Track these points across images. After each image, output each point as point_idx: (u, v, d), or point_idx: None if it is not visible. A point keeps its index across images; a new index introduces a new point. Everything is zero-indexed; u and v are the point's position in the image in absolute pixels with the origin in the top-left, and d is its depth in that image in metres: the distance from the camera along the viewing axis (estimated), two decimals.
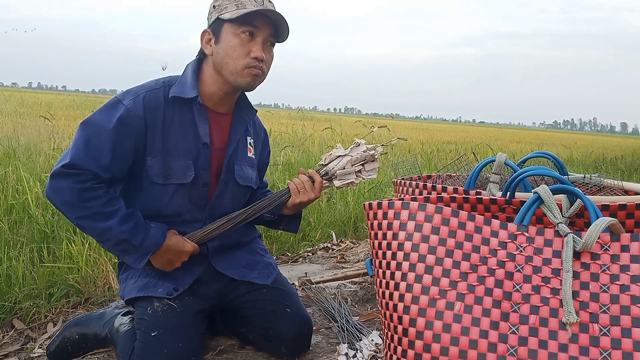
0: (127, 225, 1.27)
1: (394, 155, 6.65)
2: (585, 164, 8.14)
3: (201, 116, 1.38)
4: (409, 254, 0.99)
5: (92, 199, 1.24)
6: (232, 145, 1.44)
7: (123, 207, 1.29)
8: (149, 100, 1.32)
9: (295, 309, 1.46)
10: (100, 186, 1.27)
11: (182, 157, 1.36)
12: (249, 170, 1.49)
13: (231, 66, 1.33)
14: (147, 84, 1.37)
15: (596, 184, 1.51)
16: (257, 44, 1.33)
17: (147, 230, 1.30)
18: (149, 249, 1.30)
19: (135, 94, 1.32)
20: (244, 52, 1.32)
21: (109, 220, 1.25)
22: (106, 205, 1.26)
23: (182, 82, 1.38)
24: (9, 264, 1.92)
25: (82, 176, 1.24)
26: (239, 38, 1.31)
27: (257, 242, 1.63)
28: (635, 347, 0.84)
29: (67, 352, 1.44)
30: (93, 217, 1.24)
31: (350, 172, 1.45)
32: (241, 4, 1.31)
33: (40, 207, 2.54)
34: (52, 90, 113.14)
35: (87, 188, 1.24)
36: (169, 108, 1.35)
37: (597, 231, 0.91)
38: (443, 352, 0.92)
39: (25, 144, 4.35)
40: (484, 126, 68.26)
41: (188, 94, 1.35)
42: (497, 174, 1.45)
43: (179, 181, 1.36)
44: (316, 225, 3.10)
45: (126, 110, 1.29)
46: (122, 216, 1.27)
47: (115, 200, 1.29)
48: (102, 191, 1.26)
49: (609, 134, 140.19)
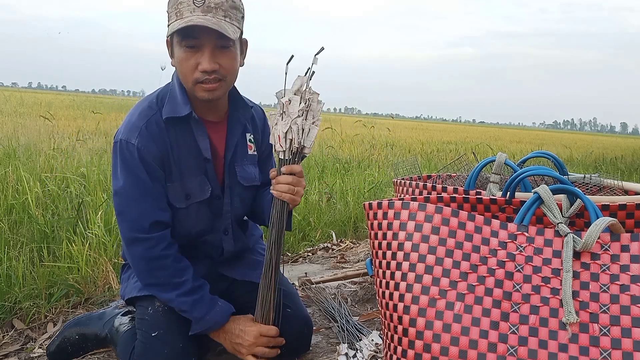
0: (190, 297, 1.29)
1: (394, 155, 6.65)
2: (585, 164, 8.14)
3: (199, 130, 1.34)
4: (409, 254, 0.99)
5: (160, 268, 1.28)
6: (230, 150, 1.41)
7: (190, 279, 1.30)
8: (152, 130, 1.28)
9: (295, 309, 1.46)
10: (168, 251, 1.28)
11: (195, 175, 1.34)
12: (251, 169, 1.47)
13: (184, 81, 1.28)
14: (142, 110, 1.31)
15: (596, 184, 1.51)
16: (204, 54, 1.23)
17: (211, 307, 1.32)
18: (208, 325, 1.32)
19: (137, 129, 1.27)
20: (192, 66, 1.24)
21: (174, 292, 1.28)
22: (174, 275, 1.29)
23: (172, 98, 1.32)
24: (9, 264, 1.92)
25: (149, 242, 1.26)
26: (184, 52, 1.24)
27: (258, 242, 1.63)
28: (635, 347, 0.84)
29: (67, 352, 1.45)
30: (161, 286, 1.29)
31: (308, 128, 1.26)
32: (179, 12, 1.21)
33: (40, 207, 2.54)
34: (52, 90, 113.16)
35: (156, 256, 1.27)
36: (170, 130, 1.31)
37: (597, 231, 0.91)
38: (443, 352, 0.92)
39: (25, 144, 4.35)
40: (484, 126, 68.26)
41: (181, 112, 1.30)
42: (497, 174, 1.45)
43: (198, 199, 1.35)
44: (316, 225, 3.10)
45: (139, 150, 1.26)
46: (186, 289, 1.29)
47: (184, 271, 1.30)
48: (170, 260, 1.28)
49: (609, 134, 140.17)
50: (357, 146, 7.07)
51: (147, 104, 1.33)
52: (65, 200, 2.67)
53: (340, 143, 7.33)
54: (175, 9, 1.22)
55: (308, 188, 3.72)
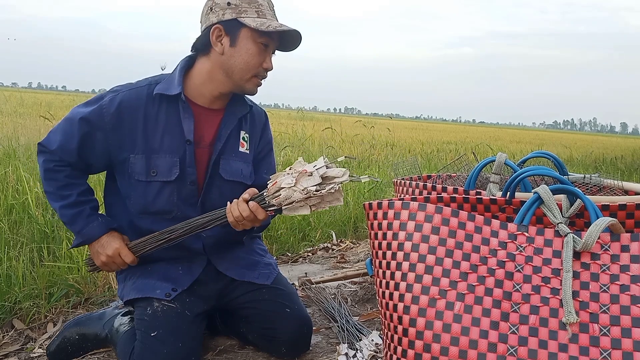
0: (70, 211, 1.37)
1: (394, 156, 6.65)
2: (585, 164, 8.14)
3: (186, 113, 1.38)
4: (409, 254, 0.99)
5: (52, 179, 1.38)
6: (221, 140, 1.42)
7: (75, 194, 1.38)
8: (129, 98, 1.36)
9: (295, 309, 1.46)
10: (63, 169, 1.37)
11: (168, 154, 1.37)
12: (238, 165, 1.46)
13: (245, 72, 1.36)
14: (135, 83, 1.41)
15: (596, 184, 1.51)
16: (269, 54, 1.39)
17: (88, 222, 1.38)
18: (84, 238, 1.39)
19: (116, 92, 1.37)
20: (259, 62, 1.36)
21: (58, 202, 1.37)
22: (62, 188, 1.38)
23: (169, 79, 1.39)
24: (9, 264, 1.92)
25: (48, 155, 1.37)
26: (257, 47, 1.35)
27: (257, 242, 1.62)
28: (635, 347, 0.84)
29: (67, 352, 1.44)
30: (51, 195, 1.39)
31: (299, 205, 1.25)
32: (261, 12, 1.34)
33: (40, 207, 2.54)
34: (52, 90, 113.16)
35: (50, 168, 1.37)
36: (153, 105, 1.37)
37: (597, 231, 0.91)
38: (443, 352, 0.92)
39: (25, 144, 4.35)
40: (484, 126, 68.25)
41: (172, 91, 1.36)
42: (497, 174, 1.45)
43: (163, 178, 1.37)
44: (316, 225, 3.10)
45: (100, 106, 1.35)
46: (69, 202, 1.37)
47: (73, 186, 1.38)
48: (63, 174, 1.37)
49: (609, 134, 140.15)
50: (357, 146, 7.07)
51: (143, 80, 1.43)
52: None
53: (340, 143, 7.33)
54: (254, 6, 1.34)
55: None
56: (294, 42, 1.42)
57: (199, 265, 1.44)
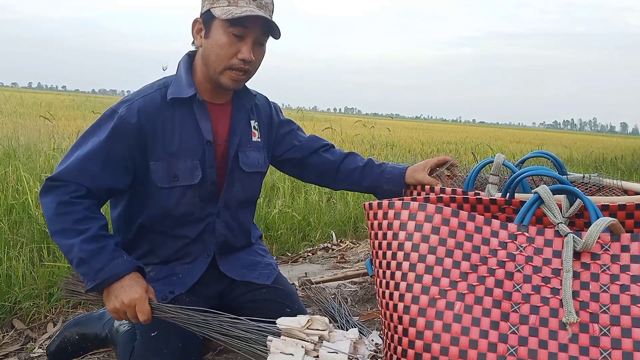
0: (91, 245, 1.18)
1: (394, 156, 6.65)
2: (585, 164, 8.14)
3: (202, 113, 1.36)
4: (409, 254, 0.99)
5: (67, 213, 1.19)
6: (237, 135, 1.42)
7: (96, 227, 1.20)
8: (144, 105, 1.31)
9: (295, 309, 1.46)
10: (81, 202, 1.22)
11: (188, 157, 1.34)
12: (254, 155, 1.47)
13: (216, 64, 1.31)
14: (143, 89, 1.36)
15: (595, 184, 1.51)
16: (246, 44, 1.29)
17: (113, 257, 1.19)
18: (107, 275, 1.17)
19: (130, 101, 1.31)
20: (231, 53, 1.29)
21: (76, 238, 1.18)
22: (79, 222, 1.19)
23: (177, 81, 1.36)
24: (9, 264, 1.92)
25: (63, 188, 1.22)
26: (228, 37, 1.28)
27: (257, 242, 1.63)
28: (635, 347, 0.84)
29: (67, 352, 1.44)
30: (65, 232, 1.19)
31: None
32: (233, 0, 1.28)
33: (40, 207, 2.54)
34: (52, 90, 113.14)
35: (65, 202, 1.20)
36: (167, 110, 1.33)
37: (597, 231, 0.91)
38: (443, 352, 0.92)
39: (25, 144, 4.35)
40: (484, 126, 68.25)
41: (186, 93, 1.33)
42: (496, 175, 1.45)
43: (186, 183, 1.35)
44: (316, 225, 3.10)
45: (119, 118, 1.28)
46: (89, 236, 1.19)
47: (92, 220, 1.21)
48: (81, 207, 1.21)
49: (609, 134, 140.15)
50: (357, 146, 7.07)
51: (150, 86, 1.37)
52: None
53: (340, 143, 7.33)
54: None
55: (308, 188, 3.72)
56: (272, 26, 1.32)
57: (199, 269, 1.44)
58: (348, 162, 1.58)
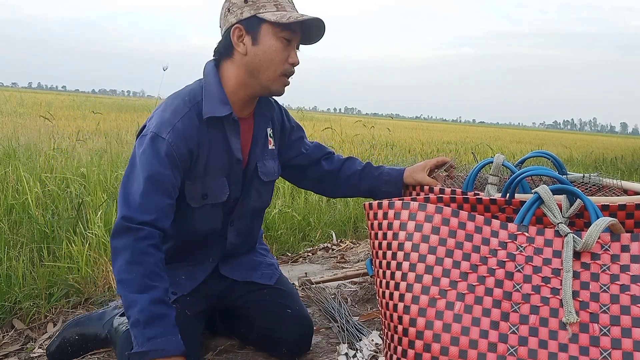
0: (155, 308, 1.13)
1: (394, 156, 6.65)
2: (585, 164, 8.14)
3: (233, 130, 1.33)
4: (409, 254, 0.99)
5: (140, 263, 1.14)
6: (258, 147, 1.41)
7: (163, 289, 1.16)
8: (186, 128, 1.25)
9: (296, 310, 1.46)
10: (155, 252, 1.17)
11: (217, 175, 1.32)
12: (271, 164, 1.47)
13: (271, 71, 1.28)
14: (176, 108, 1.27)
15: (595, 184, 1.51)
16: (293, 49, 1.30)
17: (170, 331, 1.14)
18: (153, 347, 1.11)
19: (171, 125, 1.23)
20: (284, 58, 1.28)
21: (143, 294, 1.13)
22: (149, 277, 1.14)
23: (209, 96, 1.29)
24: (9, 264, 1.92)
25: (138, 232, 1.16)
26: (281, 42, 1.27)
27: (259, 242, 1.62)
28: (635, 347, 0.84)
29: (67, 352, 1.44)
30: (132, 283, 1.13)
31: None
32: (280, 5, 1.27)
33: (40, 207, 2.54)
34: (52, 90, 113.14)
35: (142, 251, 1.15)
36: (204, 130, 1.29)
37: (598, 231, 0.91)
38: (443, 352, 0.92)
39: (25, 144, 4.35)
40: (484, 126, 68.26)
41: (221, 112, 1.28)
42: (495, 176, 1.45)
43: (214, 201, 1.33)
44: (316, 225, 3.10)
45: (169, 145, 1.22)
46: (156, 297, 1.14)
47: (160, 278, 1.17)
48: (153, 259, 1.16)
49: (609, 134, 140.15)
50: (357, 146, 7.07)
51: (181, 101, 1.29)
52: (65, 200, 2.67)
53: (340, 143, 7.33)
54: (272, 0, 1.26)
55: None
56: (317, 32, 1.32)
57: (203, 273, 1.43)
58: (347, 167, 1.57)
